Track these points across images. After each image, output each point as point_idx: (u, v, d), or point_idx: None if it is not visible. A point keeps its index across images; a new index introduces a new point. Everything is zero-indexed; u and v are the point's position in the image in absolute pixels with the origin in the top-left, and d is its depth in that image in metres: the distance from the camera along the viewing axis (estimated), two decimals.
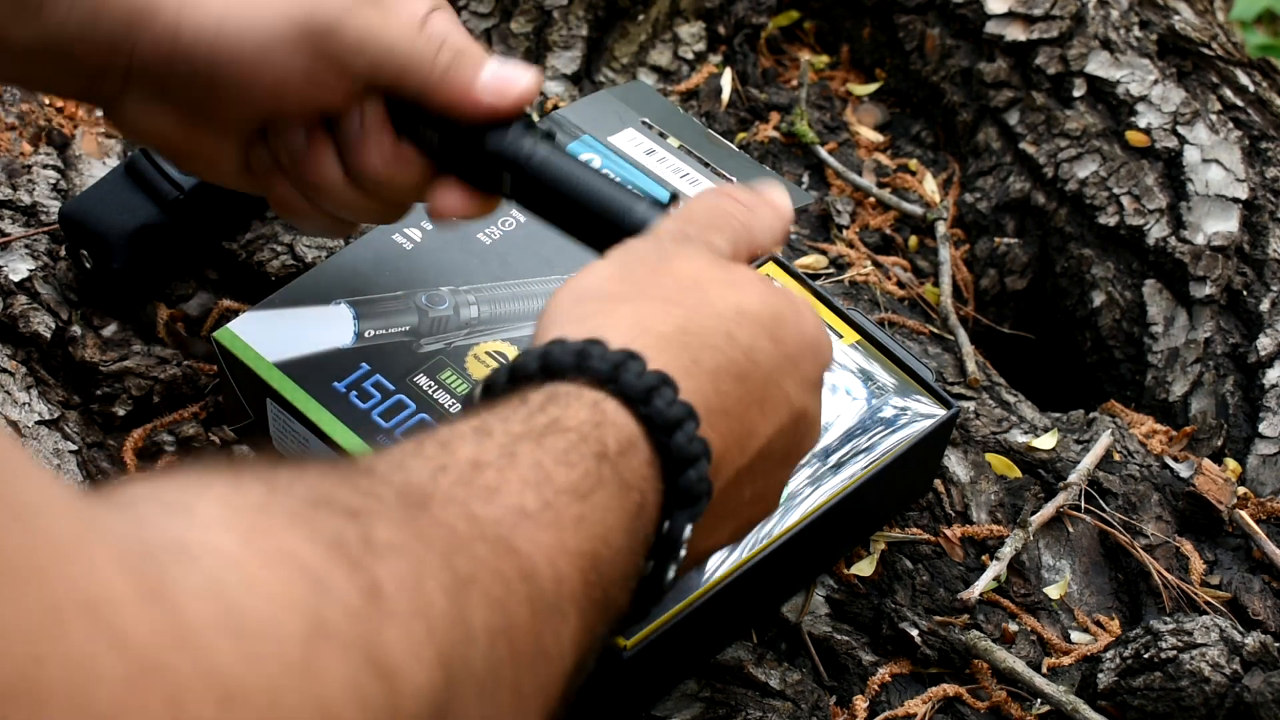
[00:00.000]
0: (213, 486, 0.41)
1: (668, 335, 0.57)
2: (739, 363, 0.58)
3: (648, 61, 1.17)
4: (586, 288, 0.60)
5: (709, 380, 0.57)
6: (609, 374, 0.54)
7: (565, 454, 0.50)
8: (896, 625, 0.82)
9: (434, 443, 0.49)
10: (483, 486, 0.47)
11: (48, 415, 0.87)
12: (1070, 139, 1.12)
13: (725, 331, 0.58)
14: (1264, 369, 1.00)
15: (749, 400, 0.59)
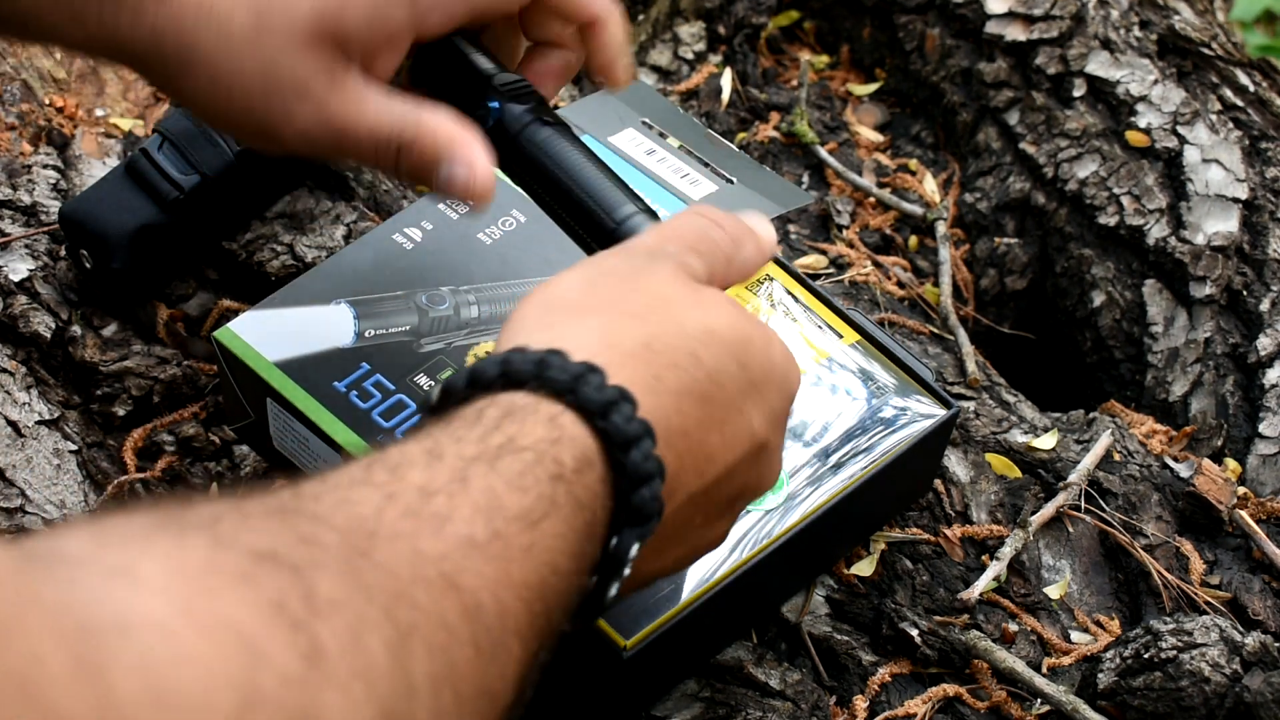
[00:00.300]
0: (157, 543, 0.40)
1: (631, 350, 0.56)
2: (702, 384, 0.58)
3: (648, 61, 1.17)
4: (553, 297, 0.59)
5: (670, 399, 0.56)
6: (568, 385, 0.53)
7: (520, 477, 0.50)
8: (896, 625, 0.83)
9: (384, 467, 0.48)
10: (431, 515, 0.47)
11: (48, 415, 0.87)
12: (1070, 139, 1.12)
13: (690, 351, 0.58)
14: (1264, 369, 1.00)
15: (710, 423, 0.58)
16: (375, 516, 0.46)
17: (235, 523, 0.43)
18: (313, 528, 0.44)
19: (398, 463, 0.49)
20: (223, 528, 0.42)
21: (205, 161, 0.91)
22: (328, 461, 0.78)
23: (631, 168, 0.90)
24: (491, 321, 0.82)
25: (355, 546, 0.44)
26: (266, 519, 0.44)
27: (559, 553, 0.50)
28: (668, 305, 0.59)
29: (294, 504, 0.46)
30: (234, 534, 0.42)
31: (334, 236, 0.95)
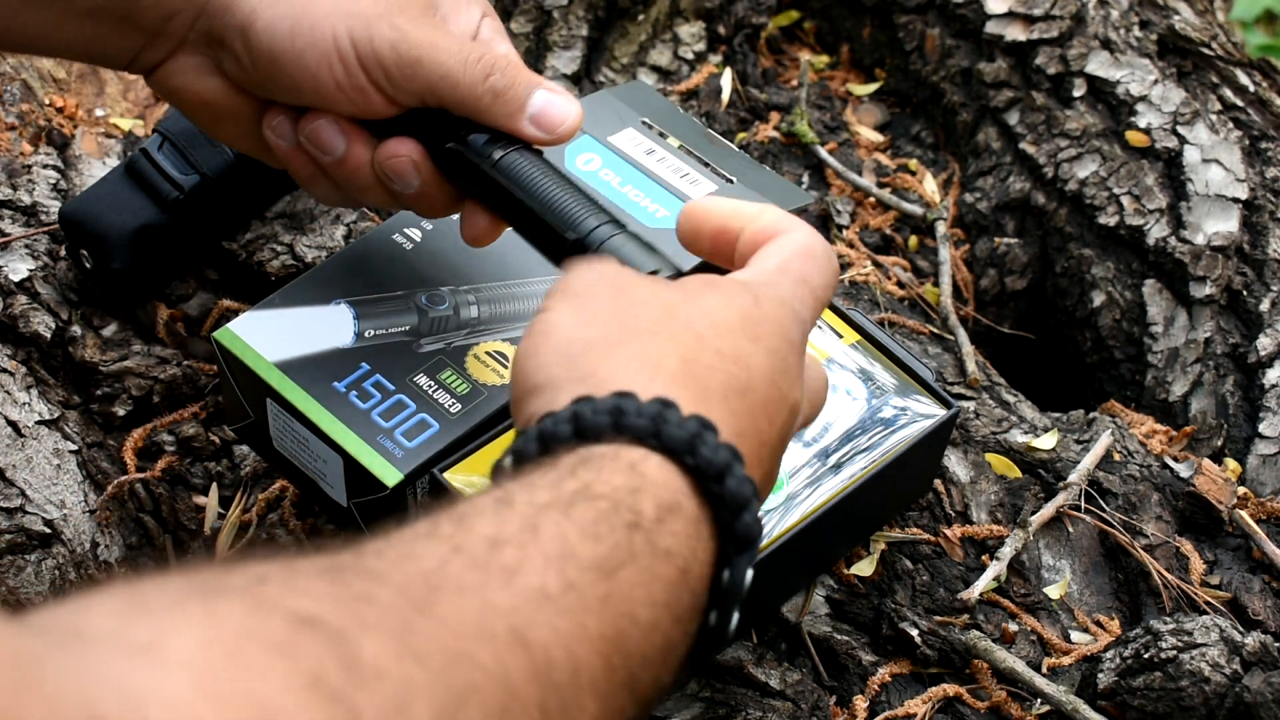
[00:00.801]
0: (189, 612, 0.39)
1: (675, 371, 0.56)
2: (737, 376, 0.57)
3: (648, 61, 1.17)
4: (564, 343, 0.57)
5: (722, 405, 0.56)
6: (649, 429, 0.52)
7: (594, 525, 0.48)
8: (896, 625, 0.83)
9: (450, 519, 0.47)
10: (501, 568, 0.45)
11: (48, 415, 0.87)
12: (1070, 139, 1.12)
13: (714, 349, 0.57)
14: (1264, 369, 1.00)
15: (755, 411, 0.58)
16: (439, 570, 0.44)
17: (281, 583, 0.41)
18: (367, 585, 0.43)
19: (465, 513, 0.47)
20: (266, 590, 0.40)
21: (205, 161, 0.91)
22: (327, 462, 0.78)
23: (631, 168, 0.90)
24: (491, 321, 0.82)
25: (414, 603, 0.43)
26: (316, 578, 0.42)
27: (638, 603, 0.48)
28: (669, 312, 0.59)
29: (351, 560, 0.44)
30: (277, 596, 0.40)
31: (334, 236, 0.95)
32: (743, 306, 0.60)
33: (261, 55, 0.70)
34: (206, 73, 0.74)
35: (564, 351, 0.57)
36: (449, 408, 0.78)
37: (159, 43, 0.73)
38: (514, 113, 0.71)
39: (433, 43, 0.70)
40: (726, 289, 0.60)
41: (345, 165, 0.74)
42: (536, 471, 0.50)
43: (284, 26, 0.70)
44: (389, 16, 0.70)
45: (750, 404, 0.57)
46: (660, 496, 0.51)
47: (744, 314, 0.59)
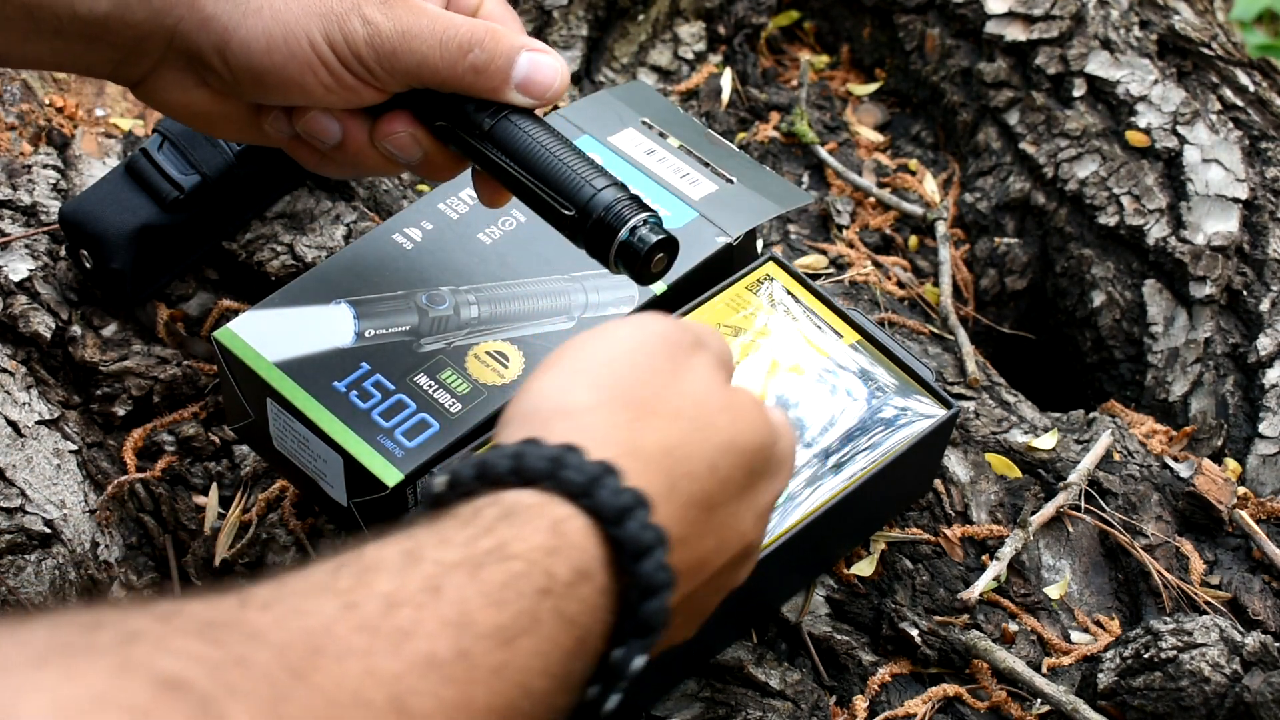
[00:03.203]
0: (45, 672, 0.37)
1: (652, 456, 0.54)
2: (712, 494, 0.56)
3: (648, 61, 1.17)
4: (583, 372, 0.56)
5: (679, 510, 0.54)
6: (583, 488, 0.50)
7: (501, 590, 0.46)
8: (896, 625, 0.83)
9: (351, 572, 0.45)
10: (392, 630, 0.44)
11: (48, 415, 0.87)
12: (1070, 139, 1.12)
13: (710, 463, 0.56)
14: (1264, 369, 1.00)
15: (708, 531, 0.56)
16: (326, 630, 0.43)
17: (152, 642, 0.39)
18: (245, 647, 0.41)
19: (368, 565, 0.45)
20: (135, 650, 0.39)
21: (205, 161, 0.91)
22: (327, 462, 0.78)
23: (631, 168, 0.90)
24: (491, 321, 0.82)
25: (291, 667, 0.41)
26: (191, 637, 0.40)
27: (534, 673, 0.47)
28: (698, 410, 0.57)
29: (235, 614, 0.42)
30: (146, 657, 0.39)
31: (334, 236, 0.95)
32: (763, 439, 0.59)
33: (243, 72, 0.70)
34: (192, 85, 0.73)
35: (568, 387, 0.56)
36: (449, 408, 0.78)
37: (136, 60, 0.72)
38: (499, 85, 0.71)
39: (403, 30, 0.70)
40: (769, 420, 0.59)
41: (347, 149, 0.74)
42: (455, 522, 0.49)
43: (259, 44, 0.69)
44: (358, 9, 0.69)
45: (707, 523, 0.56)
46: (575, 561, 0.49)
47: (761, 447, 0.58)
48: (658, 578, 0.51)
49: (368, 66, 0.70)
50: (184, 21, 0.70)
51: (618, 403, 0.55)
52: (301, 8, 0.69)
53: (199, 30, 0.70)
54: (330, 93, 0.71)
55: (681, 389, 0.57)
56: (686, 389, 0.57)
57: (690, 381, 0.58)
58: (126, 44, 0.71)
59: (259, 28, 0.69)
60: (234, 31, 0.69)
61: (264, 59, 0.69)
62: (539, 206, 0.72)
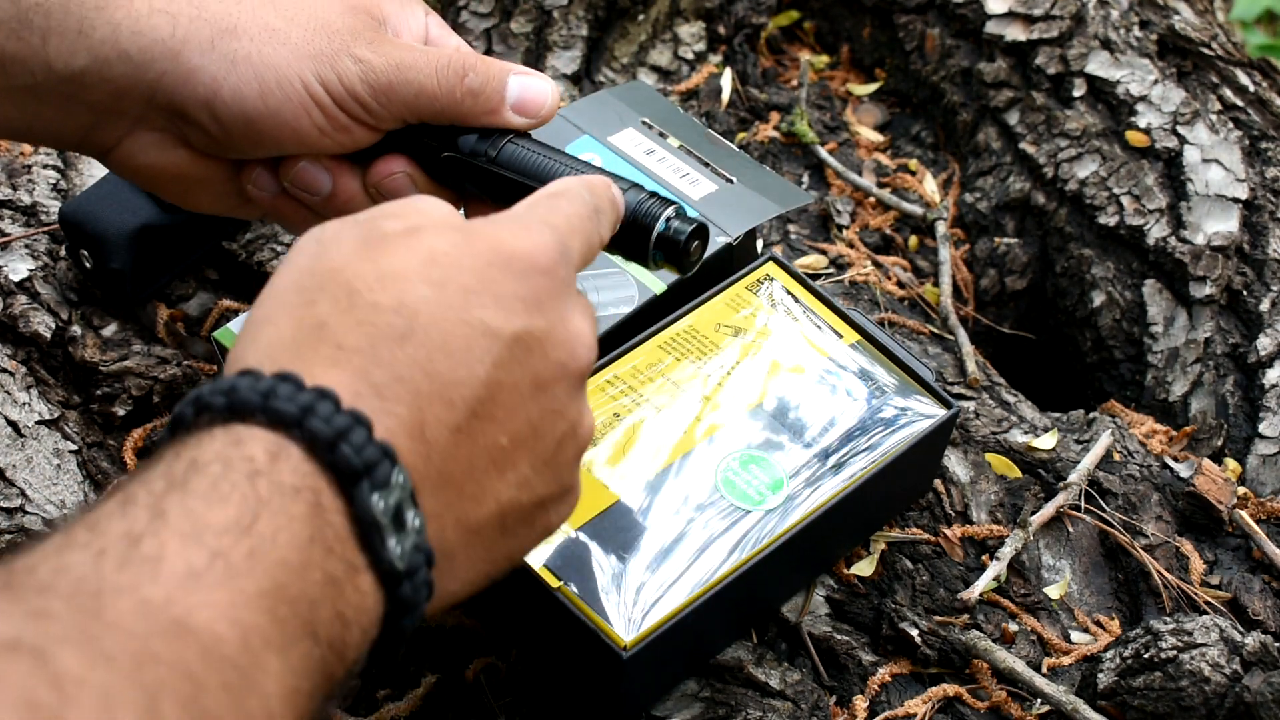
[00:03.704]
0: None
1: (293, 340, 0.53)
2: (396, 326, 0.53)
3: (648, 61, 1.17)
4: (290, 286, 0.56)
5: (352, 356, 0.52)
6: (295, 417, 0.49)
7: (213, 489, 0.47)
8: (896, 625, 0.83)
9: (83, 527, 0.45)
10: (144, 560, 0.44)
11: (48, 415, 0.87)
12: (1070, 139, 1.12)
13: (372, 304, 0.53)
14: (1264, 369, 1.00)
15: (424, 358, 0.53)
16: (94, 576, 0.43)
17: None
18: (42, 600, 0.42)
19: (95, 520, 0.46)
20: None
21: None
22: None
23: (632, 167, 0.90)
24: None
25: (85, 610, 0.42)
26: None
27: (285, 546, 0.47)
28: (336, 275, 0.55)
29: (12, 578, 0.43)
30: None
31: None
32: (436, 247, 0.55)
33: (234, 122, 0.69)
34: (170, 146, 0.71)
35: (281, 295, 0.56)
36: None
37: (112, 122, 0.70)
38: (495, 107, 0.71)
39: (398, 64, 0.70)
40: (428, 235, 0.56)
41: (336, 199, 0.73)
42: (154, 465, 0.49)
43: (252, 90, 0.68)
44: (347, 49, 0.69)
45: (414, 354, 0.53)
46: (265, 443, 0.49)
47: (431, 255, 0.55)
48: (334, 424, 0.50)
49: (364, 104, 0.70)
50: (167, 75, 0.68)
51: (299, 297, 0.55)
52: (290, 51, 0.68)
53: (183, 84, 0.68)
54: (324, 136, 0.70)
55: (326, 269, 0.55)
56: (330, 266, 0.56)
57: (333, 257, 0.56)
58: (103, 103, 0.69)
59: (250, 74, 0.68)
60: (223, 81, 0.68)
61: (257, 105, 0.68)
62: None
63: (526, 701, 0.78)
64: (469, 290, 0.54)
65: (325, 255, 0.56)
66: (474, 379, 0.54)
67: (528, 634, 0.78)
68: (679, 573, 0.74)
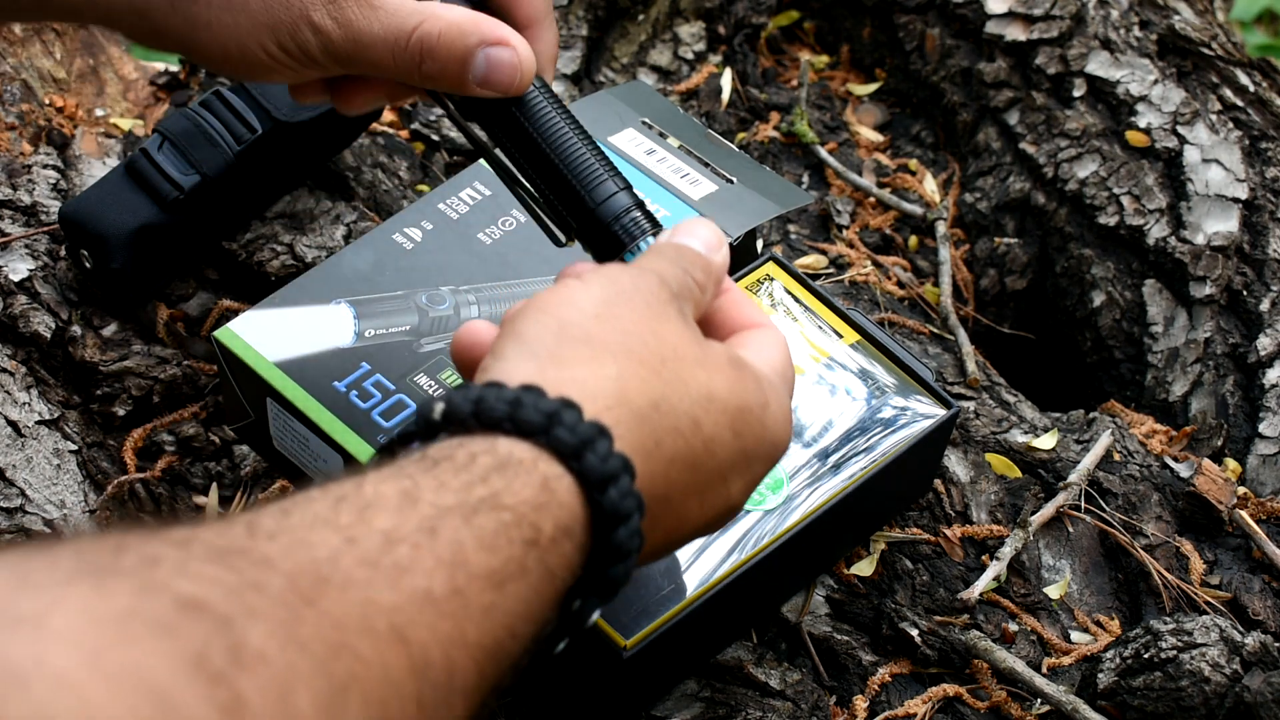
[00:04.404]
0: (76, 590, 0.39)
1: (641, 410, 0.56)
2: (697, 452, 0.57)
3: (648, 61, 1.17)
4: (570, 322, 0.57)
5: (664, 465, 0.56)
6: (575, 450, 0.52)
7: (493, 536, 0.49)
8: (896, 625, 0.83)
9: (352, 507, 0.47)
10: (391, 565, 0.46)
11: (48, 415, 0.87)
12: (1070, 139, 1.12)
13: (693, 417, 0.57)
14: (1264, 369, 1.00)
15: (692, 490, 0.58)
16: (330, 561, 0.45)
17: (172, 566, 0.41)
18: (257, 573, 0.43)
19: (368, 503, 0.47)
20: (157, 572, 0.41)
21: (205, 161, 0.91)
22: (327, 462, 0.78)
23: (631, 168, 0.90)
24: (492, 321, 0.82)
25: (301, 593, 0.43)
26: (208, 562, 0.42)
27: (519, 617, 0.49)
28: (678, 361, 0.58)
29: (245, 542, 0.44)
30: (166, 579, 0.41)
31: (334, 236, 0.95)
32: (748, 400, 0.60)
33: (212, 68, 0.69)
34: None
35: (561, 333, 0.57)
36: None
37: None
38: (459, 86, 0.69)
39: (355, 39, 0.68)
40: (745, 378, 0.60)
41: None
42: (451, 466, 0.50)
43: (216, 54, 0.68)
44: (306, 18, 0.67)
45: (691, 480, 0.58)
46: (561, 519, 0.51)
47: (744, 407, 0.59)
48: (629, 544, 0.53)
49: (328, 68, 0.69)
50: (135, 30, 0.69)
51: (610, 352, 0.56)
52: (249, 20, 0.68)
53: (151, 39, 0.69)
54: (308, 74, 0.70)
55: (663, 338, 0.58)
56: (666, 337, 0.58)
57: (669, 330, 0.59)
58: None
59: (210, 40, 0.68)
60: (189, 41, 0.68)
61: (223, 67, 0.69)
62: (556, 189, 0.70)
63: (526, 701, 0.78)
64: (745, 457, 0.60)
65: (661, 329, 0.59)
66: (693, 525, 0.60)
67: None
68: (679, 573, 0.74)
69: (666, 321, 0.59)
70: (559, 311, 0.58)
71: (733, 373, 0.60)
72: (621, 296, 0.59)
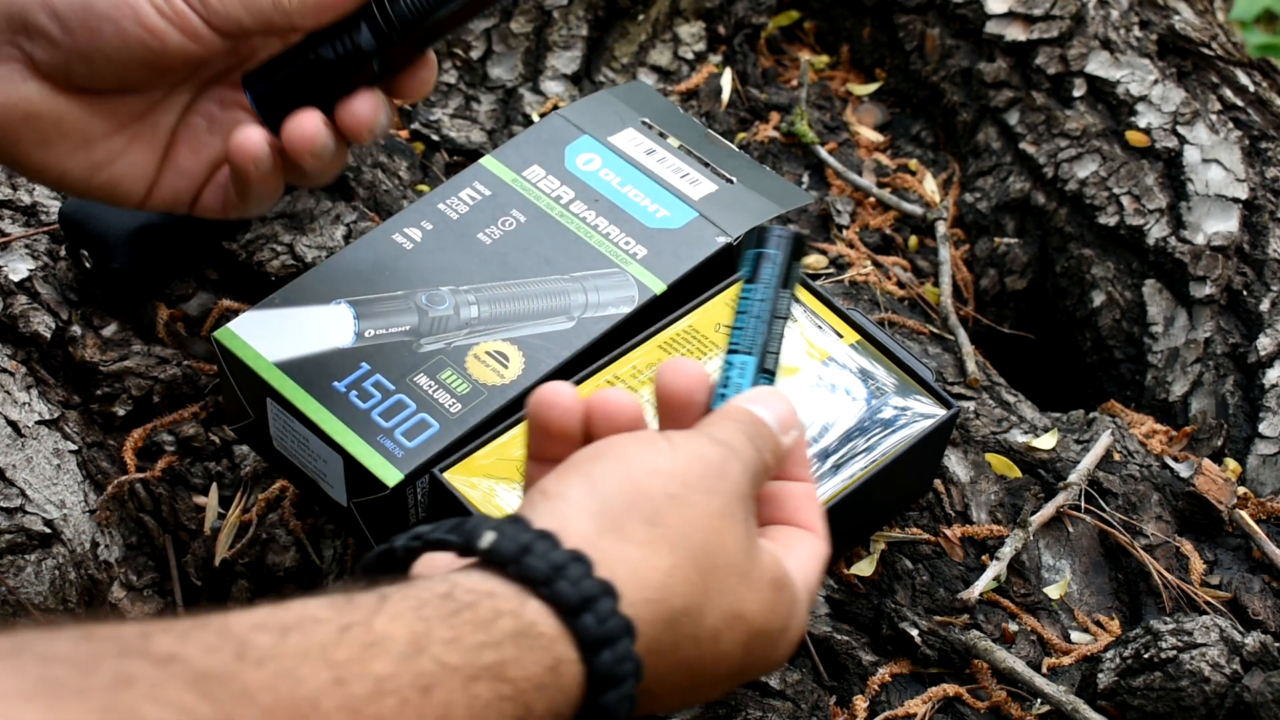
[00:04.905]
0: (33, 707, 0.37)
1: (674, 613, 0.54)
2: (705, 662, 0.56)
3: (648, 61, 1.17)
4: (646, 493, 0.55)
5: (668, 668, 0.55)
6: (595, 643, 0.51)
7: (484, 709, 0.47)
8: (896, 625, 0.83)
9: (356, 643, 0.46)
10: (374, 717, 0.44)
11: (48, 415, 0.87)
12: (1070, 139, 1.12)
13: (715, 631, 0.56)
14: (1264, 369, 1.00)
15: (682, 689, 0.57)
16: (312, 702, 0.43)
17: (145, 690, 0.40)
18: (234, 707, 0.42)
19: (374, 642, 0.46)
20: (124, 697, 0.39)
21: None
22: (327, 462, 0.78)
23: (631, 168, 0.90)
24: (491, 321, 0.82)
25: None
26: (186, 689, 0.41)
27: None
28: (727, 572, 0.56)
29: (231, 667, 0.43)
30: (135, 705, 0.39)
31: (334, 236, 0.95)
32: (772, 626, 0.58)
33: (73, 17, 0.64)
34: (19, 78, 0.66)
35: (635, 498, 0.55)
36: (449, 408, 0.78)
37: None
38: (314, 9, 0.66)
39: None
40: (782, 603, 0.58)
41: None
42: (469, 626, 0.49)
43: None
44: None
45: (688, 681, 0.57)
46: (556, 703, 0.50)
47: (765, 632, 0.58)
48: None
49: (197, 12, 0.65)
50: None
51: (667, 544, 0.54)
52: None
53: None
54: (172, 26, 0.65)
55: (723, 544, 0.56)
56: (727, 545, 0.56)
57: (730, 538, 0.57)
58: None
59: None
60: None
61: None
62: None
63: None
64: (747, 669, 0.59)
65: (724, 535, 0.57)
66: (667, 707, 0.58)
67: None
68: None
69: (733, 526, 0.57)
70: (638, 475, 0.56)
71: (771, 595, 0.58)
72: (703, 483, 0.56)
